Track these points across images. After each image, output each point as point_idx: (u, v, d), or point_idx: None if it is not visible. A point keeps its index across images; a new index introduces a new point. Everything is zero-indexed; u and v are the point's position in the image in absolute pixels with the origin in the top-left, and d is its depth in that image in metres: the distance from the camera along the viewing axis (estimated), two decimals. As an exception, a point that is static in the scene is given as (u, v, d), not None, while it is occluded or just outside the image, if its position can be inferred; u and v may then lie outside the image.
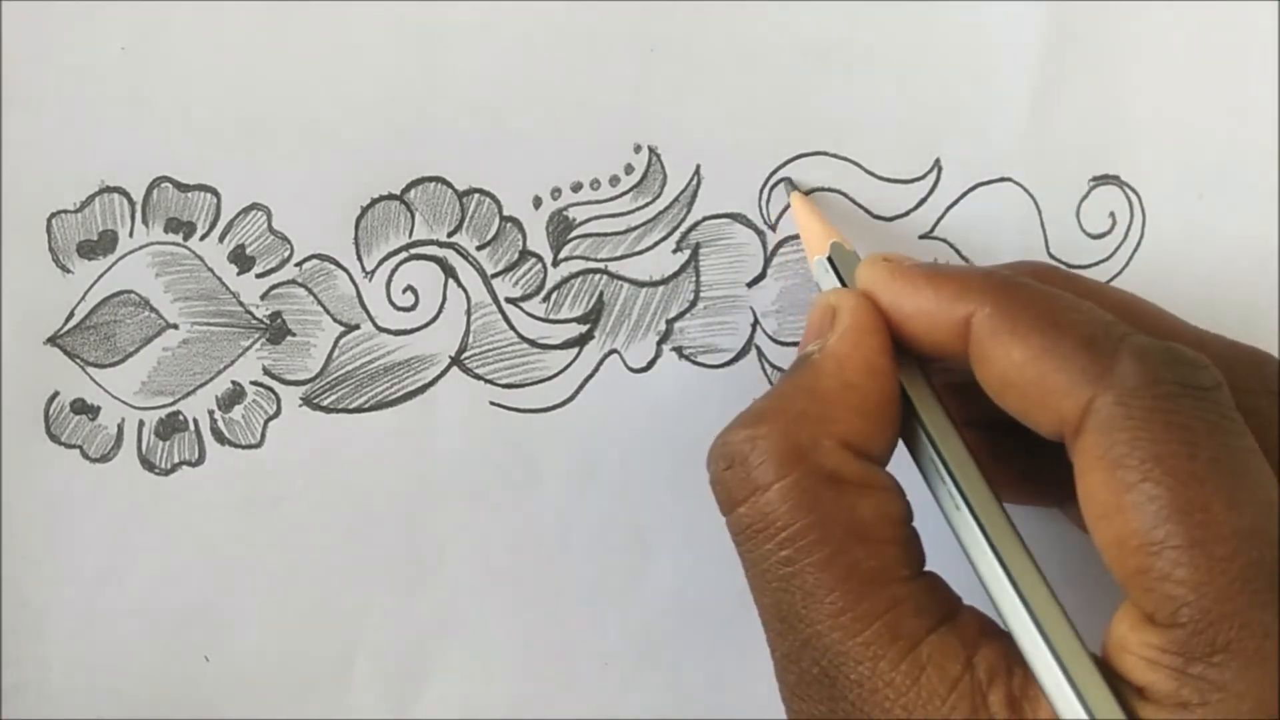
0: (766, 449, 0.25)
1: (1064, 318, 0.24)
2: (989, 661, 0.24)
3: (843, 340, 0.27)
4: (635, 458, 0.33)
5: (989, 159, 0.33)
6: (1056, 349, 0.24)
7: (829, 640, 0.24)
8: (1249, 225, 0.34)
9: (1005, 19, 0.33)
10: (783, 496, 0.25)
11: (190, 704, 0.33)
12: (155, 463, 0.32)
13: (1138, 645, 0.23)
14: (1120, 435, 0.23)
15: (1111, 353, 0.23)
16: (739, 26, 0.32)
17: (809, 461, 0.25)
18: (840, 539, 0.25)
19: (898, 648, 0.24)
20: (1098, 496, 0.23)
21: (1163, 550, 0.22)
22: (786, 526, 0.25)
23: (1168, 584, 0.22)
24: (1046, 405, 0.24)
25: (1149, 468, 0.22)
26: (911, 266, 0.27)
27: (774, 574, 0.25)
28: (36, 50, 0.31)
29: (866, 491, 0.25)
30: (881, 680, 0.24)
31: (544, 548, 0.33)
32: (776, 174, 0.33)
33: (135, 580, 0.33)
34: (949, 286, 0.26)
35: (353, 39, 0.32)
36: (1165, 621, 0.22)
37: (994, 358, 0.25)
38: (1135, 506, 0.22)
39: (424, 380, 0.33)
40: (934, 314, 0.26)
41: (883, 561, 0.25)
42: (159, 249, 0.32)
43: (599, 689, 0.33)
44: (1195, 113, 0.33)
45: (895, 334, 0.27)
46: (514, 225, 0.33)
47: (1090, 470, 0.23)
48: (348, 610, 0.33)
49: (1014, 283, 0.26)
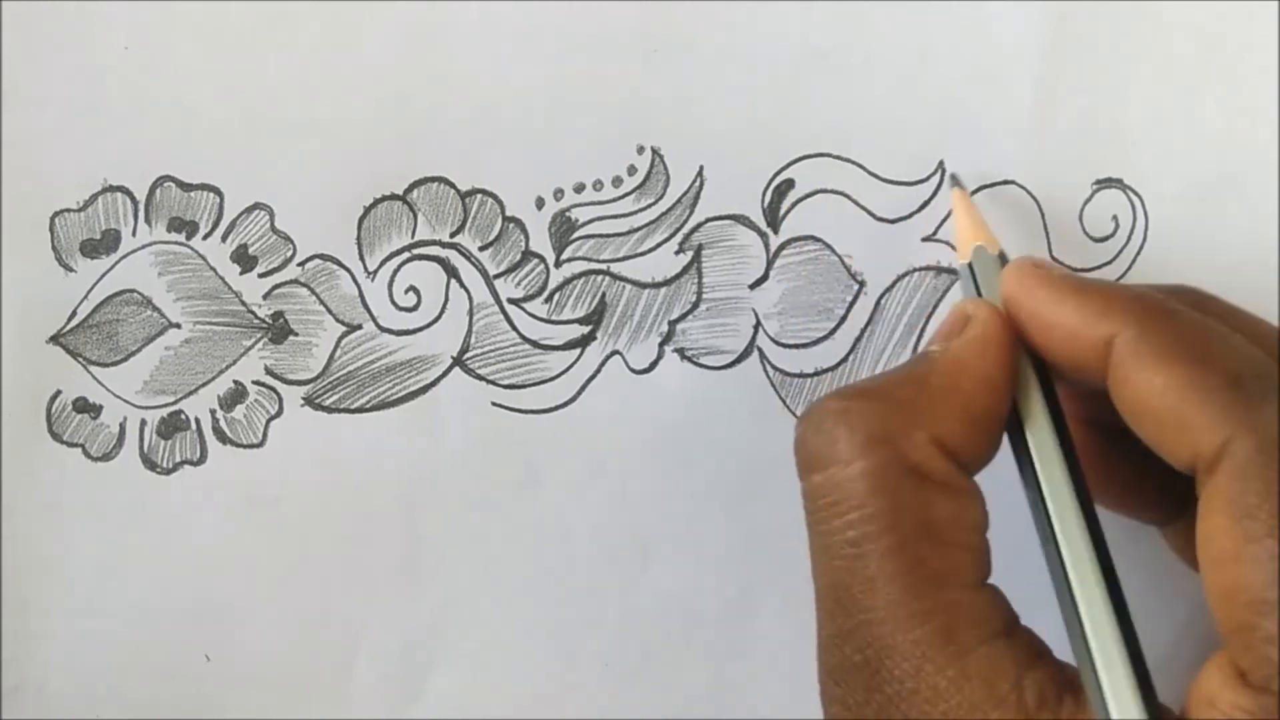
0: (857, 424, 0.25)
1: (1212, 349, 0.24)
2: (1039, 685, 0.23)
3: (967, 346, 0.26)
4: (637, 459, 0.33)
5: (992, 162, 0.33)
6: (1201, 381, 0.23)
7: (880, 631, 0.24)
8: (1251, 228, 0.34)
9: (1008, 21, 0.33)
10: (862, 475, 0.24)
11: (190, 704, 0.33)
12: (157, 462, 0.32)
13: (1227, 705, 0.22)
14: (1254, 484, 0.22)
15: (1259, 394, 0.23)
16: (742, 28, 0.32)
17: (896, 448, 0.25)
18: (910, 532, 0.24)
19: (947, 652, 0.23)
20: (1218, 541, 0.22)
21: (1274, 611, 0.21)
22: (860, 507, 0.24)
23: (1270, 647, 0.21)
24: (1183, 439, 0.23)
25: (1277, 523, 0.21)
26: (1061, 276, 0.27)
27: (838, 552, 0.25)
28: (39, 50, 0.31)
29: (947, 492, 0.25)
30: (924, 681, 0.23)
31: (545, 548, 0.33)
32: (780, 175, 0.33)
33: (135, 580, 0.33)
34: (1095, 303, 0.25)
35: (355, 39, 0.32)
36: (1259, 684, 0.21)
37: (1134, 382, 0.24)
38: (1255, 560, 0.21)
39: (426, 381, 0.33)
40: (1077, 329, 0.25)
41: (948, 564, 0.24)
42: (162, 248, 0.32)
43: (599, 689, 0.33)
44: (1197, 115, 0.33)
45: (1033, 344, 0.26)
46: (516, 226, 0.33)
47: (1216, 513, 0.22)
48: (348, 610, 0.33)
49: (1163, 307, 0.25)
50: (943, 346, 0.27)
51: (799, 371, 0.33)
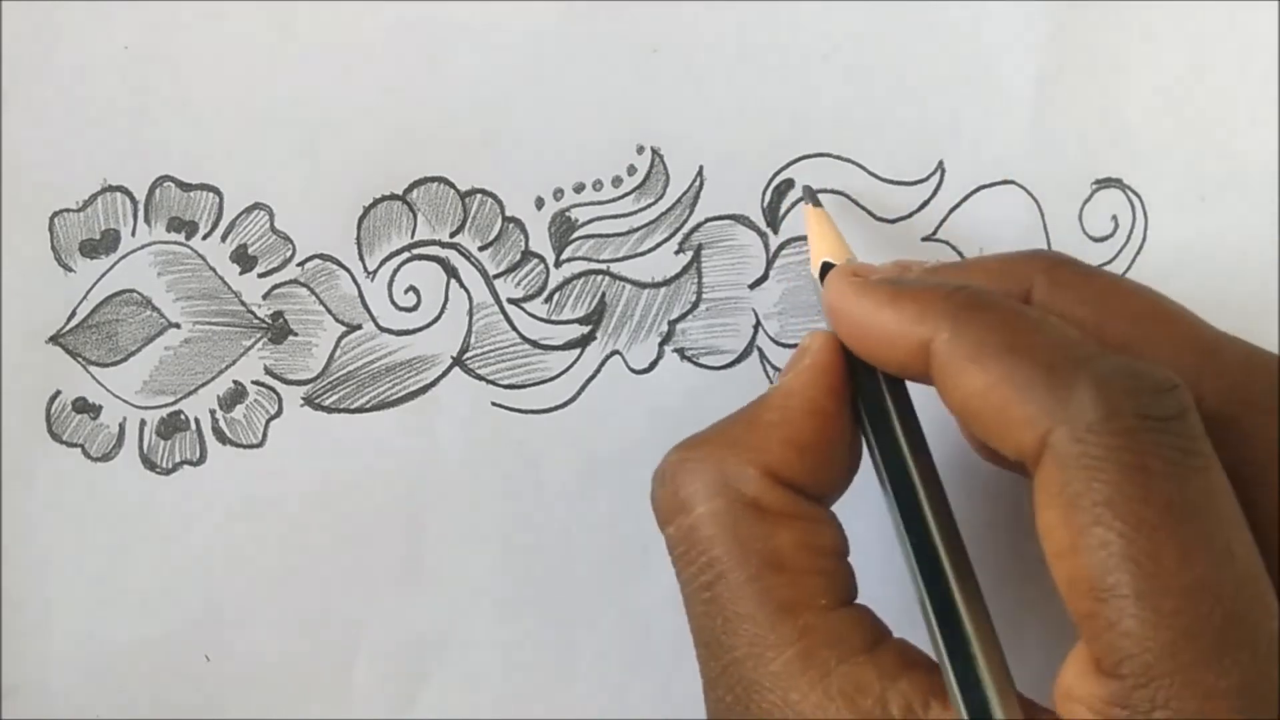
0: (696, 471, 0.26)
1: (1024, 341, 0.23)
2: (904, 695, 0.23)
3: (796, 377, 0.27)
4: (636, 459, 0.33)
5: (992, 161, 0.33)
6: (1014, 377, 0.23)
7: (744, 669, 0.24)
8: (1251, 228, 0.34)
9: (1008, 21, 0.33)
10: (704, 519, 0.25)
11: (190, 704, 0.33)
12: (156, 462, 0.32)
13: (1084, 694, 0.22)
14: (1075, 474, 0.22)
15: (1070, 381, 0.22)
16: (742, 27, 0.32)
17: (732, 489, 0.25)
18: (756, 566, 0.25)
19: (808, 677, 0.24)
20: (1054, 534, 0.22)
21: (1111, 598, 0.21)
22: (705, 550, 0.25)
23: (1114, 634, 0.21)
24: (1006, 436, 0.23)
25: (1101, 511, 0.21)
26: (876, 284, 0.26)
27: (698, 598, 0.25)
28: (39, 49, 0.31)
29: (787, 521, 0.25)
30: (791, 710, 0.24)
31: (545, 548, 0.33)
32: (779, 175, 0.33)
33: (135, 580, 0.33)
34: (910, 307, 0.25)
35: (355, 39, 0.32)
36: (1110, 671, 0.21)
37: (955, 384, 0.24)
38: (1088, 550, 0.21)
39: (426, 380, 0.33)
40: (894, 336, 0.25)
41: (798, 591, 0.25)
42: (161, 248, 0.32)
43: (599, 689, 0.33)
44: (1197, 115, 0.33)
45: (860, 354, 0.27)
46: (516, 226, 0.33)
47: (1047, 506, 0.22)
48: (348, 610, 0.33)
49: (975, 302, 0.25)
50: (779, 380, 0.27)
51: (799, 371, 0.33)
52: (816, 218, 0.32)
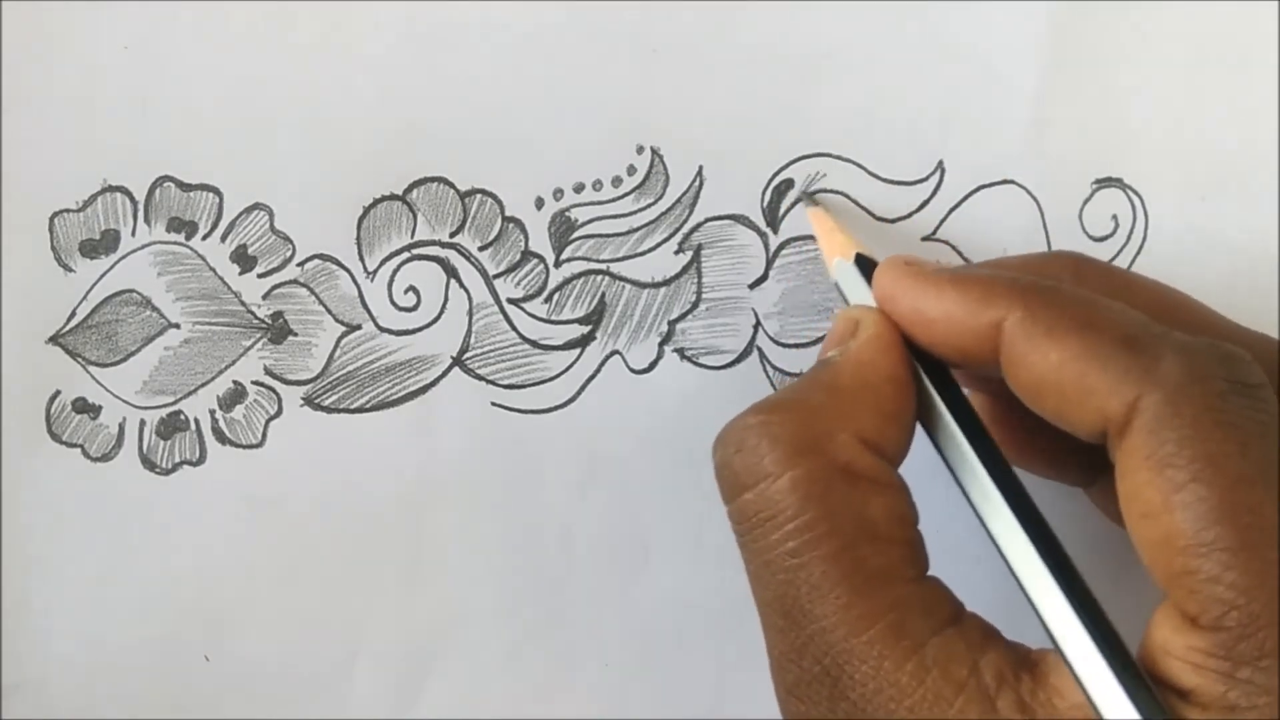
0: (780, 435, 0.25)
1: (1100, 317, 0.24)
2: (995, 666, 0.24)
3: (865, 346, 0.27)
4: (636, 459, 0.33)
5: (992, 161, 0.33)
6: (1097, 349, 0.24)
7: (834, 637, 0.24)
8: (1251, 227, 0.34)
9: (1008, 21, 0.33)
10: (794, 485, 0.24)
11: (190, 704, 0.33)
12: (156, 462, 0.32)
13: (1182, 649, 0.22)
14: (1169, 434, 0.22)
15: (1154, 350, 0.23)
16: (742, 27, 0.32)
17: (824, 453, 0.25)
18: (850, 534, 0.24)
19: (903, 647, 0.23)
20: (1143, 495, 0.23)
21: (1212, 552, 0.22)
22: (796, 517, 0.24)
23: (1216, 587, 0.22)
24: (1087, 406, 0.24)
25: (1199, 467, 0.22)
26: (934, 271, 0.27)
27: (779, 565, 0.25)
28: (38, 50, 0.31)
29: (879, 489, 0.25)
30: (886, 680, 0.23)
31: (544, 548, 0.33)
32: (779, 175, 0.33)
33: (135, 580, 0.33)
34: (975, 291, 0.25)
35: (355, 39, 0.32)
36: (1210, 625, 0.22)
37: (1030, 361, 0.24)
38: (1184, 506, 0.22)
39: (425, 381, 0.33)
40: (961, 320, 0.26)
41: (890, 560, 0.24)
42: (161, 248, 0.32)
43: (599, 689, 0.33)
44: (1197, 115, 0.33)
45: (918, 341, 0.27)
46: (516, 226, 0.33)
47: (1136, 470, 0.23)
48: (348, 610, 0.33)
49: (1043, 285, 0.25)
50: (840, 350, 0.27)
51: (799, 371, 0.33)
52: (818, 216, 0.32)
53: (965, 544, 0.27)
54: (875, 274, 0.28)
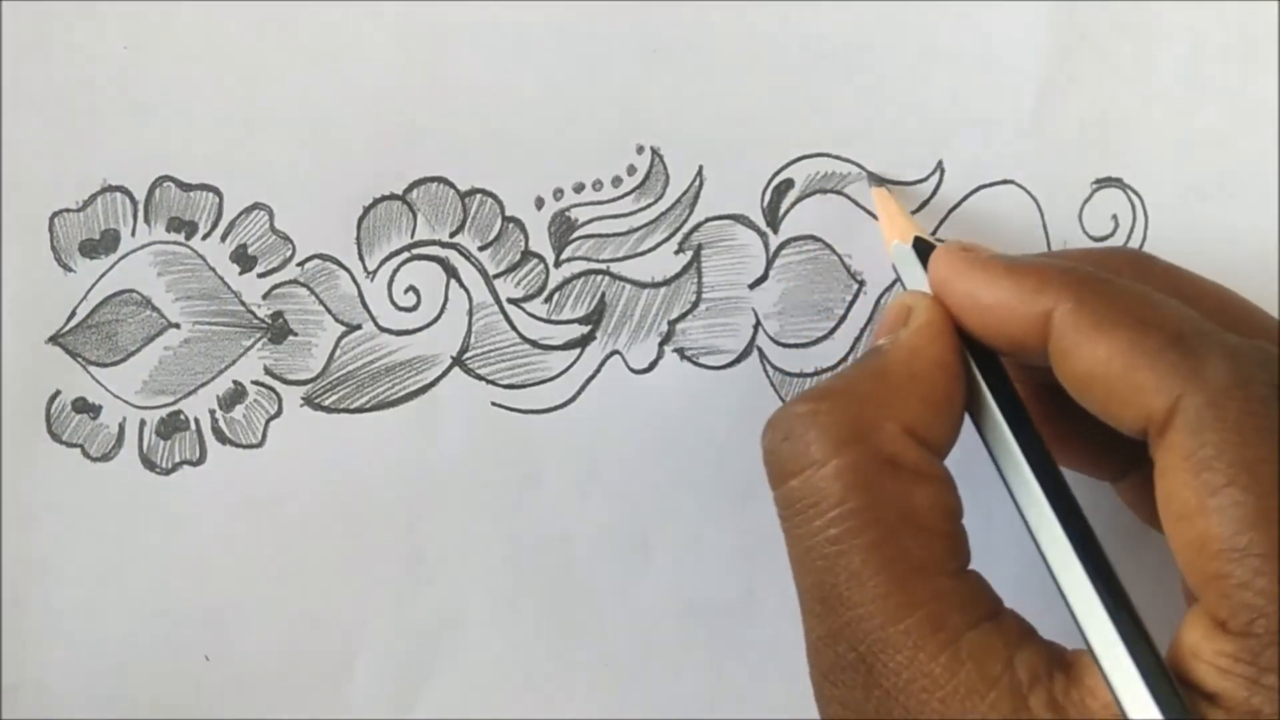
0: (827, 424, 0.25)
1: (1151, 313, 0.24)
2: (1030, 663, 0.23)
3: (917, 334, 0.27)
4: (636, 459, 0.33)
5: (991, 161, 0.33)
6: (1144, 344, 0.23)
7: (870, 625, 0.24)
8: (1251, 227, 0.34)
9: (1008, 21, 0.33)
10: (838, 473, 0.25)
11: (190, 704, 0.33)
12: (156, 462, 0.32)
13: (1210, 653, 0.22)
14: (1209, 436, 0.22)
15: (1201, 351, 0.23)
16: (742, 27, 0.32)
17: (869, 442, 0.25)
18: (892, 524, 0.24)
19: (938, 639, 0.23)
20: (1179, 496, 0.22)
21: (1244, 558, 0.21)
22: (839, 504, 0.24)
23: (1246, 592, 0.21)
24: (1132, 402, 0.23)
25: (1236, 472, 0.22)
26: (990, 258, 0.27)
27: (820, 552, 0.25)
28: (38, 49, 0.31)
29: (923, 480, 0.25)
30: (920, 670, 0.23)
31: (545, 548, 0.33)
32: (779, 175, 0.33)
33: (135, 580, 0.33)
34: (1029, 279, 0.25)
35: (355, 38, 0.32)
36: (1239, 630, 0.22)
37: (1078, 353, 0.24)
38: (1219, 510, 0.22)
39: (425, 381, 0.33)
40: (1013, 307, 0.26)
41: (931, 552, 0.24)
42: (161, 248, 0.32)
43: (599, 689, 0.33)
44: (1197, 115, 0.33)
45: (968, 326, 0.27)
46: (516, 226, 0.33)
47: (1174, 470, 0.23)
48: (348, 610, 0.33)
49: (1097, 277, 0.25)
50: (891, 339, 0.27)
51: (799, 371, 0.33)
52: (883, 198, 0.32)
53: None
54: (931, 258, 0.28)
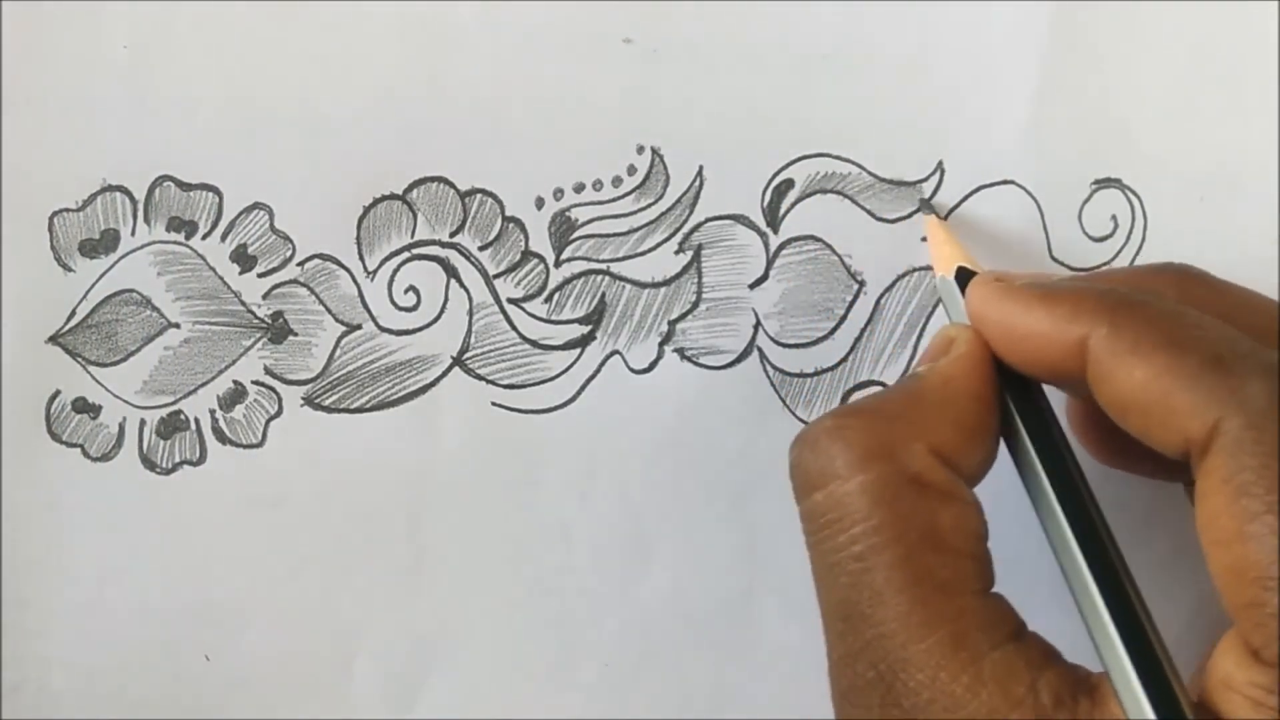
0: (854, 440, 0.25)
1: (1188, 335, 0.24)
2: (1054, 686, 0.23)
3: (955, 364, 0.27)
4: (636, 459, 0.33)
5: (991, 161, 0.33)
6: (1181, 367, 0.23)
7: (891, 644, 0.24)
8: (1250, 227, 0.34)
9: (1008, 21, 0.33)
10: (863, 489, 0.24)
11: (190, 704, 0.33)
12: (156, 462, 0.32)
13: (1243, 684, 0.22)
14: (1248, 460, 0.22)
15: (1241, 371, 0.23)
16: (742, 27, 0.32)
17: (896, 460, 0.25)
18: (916, 542, 0.24)
19: (960, 659, 0.23)
20: (1218, 521, 0.22)
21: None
22: (864, 520, 0.24)
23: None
24: (1170, 425, 0.23)
25: (1275, 498, 0.21)
26: (1024, 286, 0.27)
27: (843, 568, 0.24)
28: (38, 49, 0.31)
29: (949, 501, 0.25)
30: (941, 690, 0.23)
31: (545, 548, 0.33)
32: (779, 175, 0.33)
33: (135, 580, 0.33)
34: (1063, 306, 0.25)
35: (355, 38, 0.32)
36: (1272, 660, 0.21)
37: (1115, 378, 0.24)
38: (1257, 537, 0.21)
39: (426, 380, 0.33)
40: (1048, 335, 0.25)
41: (955, 572, 0.24)
42: (161, 248, 0.32)
43: (599, 689, 0.33)
44: (1197, 115, 0.33)
45: (1006, 357, 0.27)
46: (516, 226, 0.33)
47: (1214, 494, 0.22)
48: (348, 610, 0.33)
49: (1131, 300, 0.25)
50: (930, 366, 0.27)
51: (799, 371, 0.33)
52: (934, 227, 0.32)
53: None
54: (967, 291, 0.28)
